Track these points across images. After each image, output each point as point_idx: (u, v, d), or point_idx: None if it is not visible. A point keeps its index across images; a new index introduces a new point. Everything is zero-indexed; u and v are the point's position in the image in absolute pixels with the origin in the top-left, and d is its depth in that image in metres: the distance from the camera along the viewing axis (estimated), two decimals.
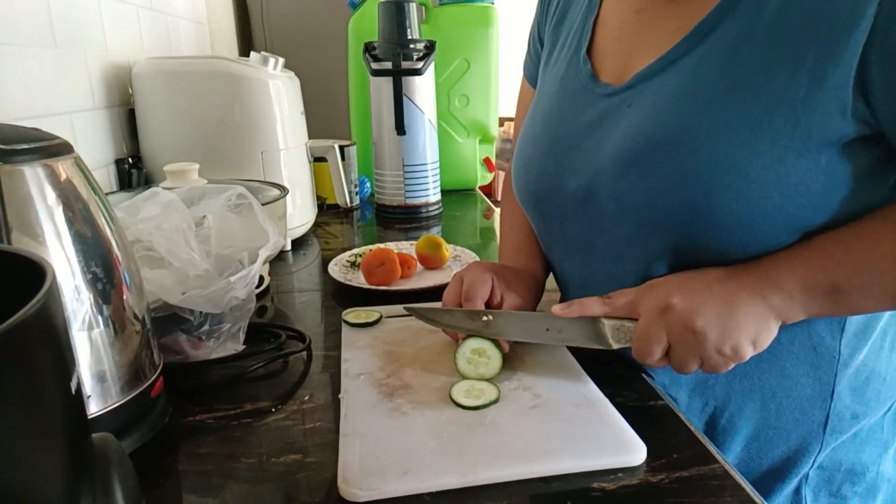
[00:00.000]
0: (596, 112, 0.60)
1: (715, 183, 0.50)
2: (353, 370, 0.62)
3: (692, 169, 0.51)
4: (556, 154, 0.63)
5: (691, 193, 0.51)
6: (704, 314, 0.50)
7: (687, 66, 0.53)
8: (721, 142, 0.50)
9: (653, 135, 0.53)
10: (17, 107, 0.83)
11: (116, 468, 0.32)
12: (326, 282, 0.93)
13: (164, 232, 0.63)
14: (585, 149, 0.60)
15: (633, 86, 0.57)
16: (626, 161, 0.55)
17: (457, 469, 0.47)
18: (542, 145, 0.66)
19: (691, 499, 0.46)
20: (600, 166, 0.58)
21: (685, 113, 0.52)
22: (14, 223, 0.43)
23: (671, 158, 0.52)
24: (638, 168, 0.54)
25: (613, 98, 0.59)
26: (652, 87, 0.55)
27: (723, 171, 0.49)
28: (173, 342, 0.65)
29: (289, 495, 0.47)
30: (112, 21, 1.12)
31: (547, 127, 0.66)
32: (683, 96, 0.52)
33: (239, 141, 1.05)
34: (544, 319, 0.60)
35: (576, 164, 0.61)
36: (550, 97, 0.67)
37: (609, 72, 0.61)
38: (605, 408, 0.55)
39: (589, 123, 0.60)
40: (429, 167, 1.35)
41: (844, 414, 0.62)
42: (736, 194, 0.50)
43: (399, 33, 1.27)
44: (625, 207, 0.56)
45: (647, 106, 0.55)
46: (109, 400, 0.50)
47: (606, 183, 0.57)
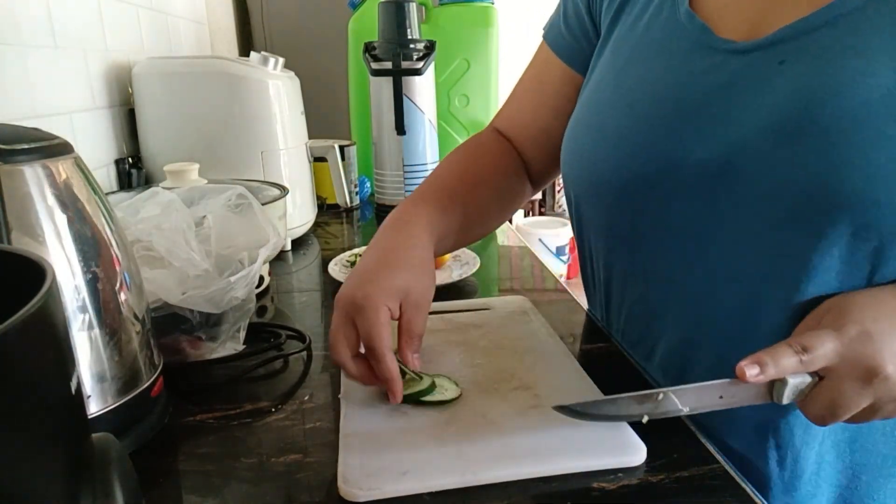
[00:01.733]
0: (727, 73, 0.51)
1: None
2: None
3: (893, 137, 0.43)
4: (668, 124, 0.54)
5: (881, 168, 0.43)
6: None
7: (863, 22, 0.45)
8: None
9: (837, 95, 0.45)
10: (17, 107, 0.83)
11: (116, 468, 0.32)
12: (326, 282, 0.93)
13: (164, 232, 0.63)
14: (717, 116, 0.51)
15: (783, 41, 0.48)
16: (786, 128, 0.47)
17: (457, 469, 0.47)
18: (642, 115, 0.56)
19: (691, 499, 0.46)
20: (744, 133, 0.49)
21: (879, 71, 0.44)
22: (14, 223, 0.43)
23: (865, 124, 0.44)
24: (805, 137, 0.46)
25: (753, 54, 0.50)
26: (814, 41, 0.47)
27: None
28: (173, 342, 0.64)
29: (289, 495, 0.47)
30: (112, 21, 1.12)
31: (648, 94, 0.56)
32: (875, 52, 0.44)
33: (239, 141, 1.05)
34: (718, 388, 0.48)
35: (701, 135, 0.52)
36: (643, 63, 0.58)
37: (733, 27, 0.53)
38: None
39: (719, 86, 0.51)
40: (429, 167, 1.35)
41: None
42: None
43: (399, 33, 1.27)
44: (778, 182, 0.47)
45: (818, 61, 0.46)
46: (109, 400, 0.50)
47: (755, 154, 0.48)
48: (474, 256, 0.98)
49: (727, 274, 0.53)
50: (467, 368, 0.62)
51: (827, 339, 0.44)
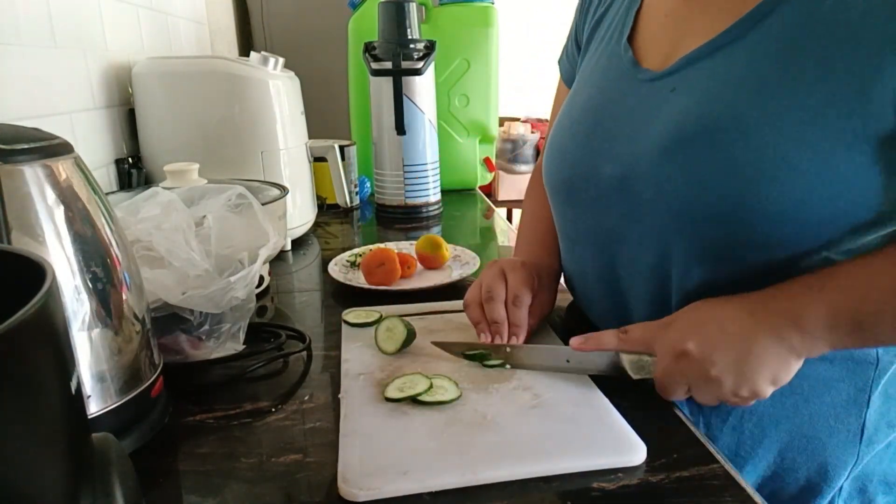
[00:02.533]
0: (637, 98, 0.59)
1: (763, 174, 0.48)
2: (353, 370, 0.62)
3: (740, 158, 0.49)
4: (593, 141, 0.62)
5: (737, 184, 0.49)
6: (718, 362, 0.50)
7: (738, 51, 0.51)
8: (772, 132, 0.48)
9: (699, 121, 0.52)
10: (17, 107, 0.83)
11: (116, 468, 0.32)
12: (326, 282, 0.93)
13: (164, 232, 0.63)
14: (624, 135, 0.58)
15: (678, 70, 0.55)
16: (668, 147, 0.53)
17: (457, 469, 0.47)
18: (578, 133, 0.65)
19: (691, 499, 0.46)
20: (640, 152, 0.56)
21: (735, 100, 0.50)
22: (14, 223, 0.43)
23: (718, 146, 0.50)
24: (682, 155, 0.52)
25: (656, 83, 0.57)
26: (698, 71, 0.54)
27: (771, 162, 0.48)
28: (173, 342, 0.64)
29: (289, 495, 0.47)
30: (112, 21, 1.12)
31: (585, 115, 0.65)
32: (734, 82, 0.51)
33: (239, 141, 1.06)
34: (565, 352, 0.61)
35: (613, 151, 0.59)
36: (589, 88, 0.66)
37: (653, 58, 0.60)
38: (605, 408, 0.55)
39: (629, 110, 0.59)
40: (429, 167, 1.35)
41: (880, 422, 0.60)
42: (784, 186, 0.48)
43: (399, 33, 1.27)
44: (664, 196, 0.54)
45: (694, 91, 0.53)
46: (109, 400, 0.50)
47: (646, 170, 0.55)
48: (474, 256, 0.98)
49: (633, 272, 0.62)
50: (467, 369, 0.62)
51: (647, 325, 0.57)
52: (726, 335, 0.51)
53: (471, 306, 0.68)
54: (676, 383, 0.54)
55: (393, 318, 0.67)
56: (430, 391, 0.56)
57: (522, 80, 3.48)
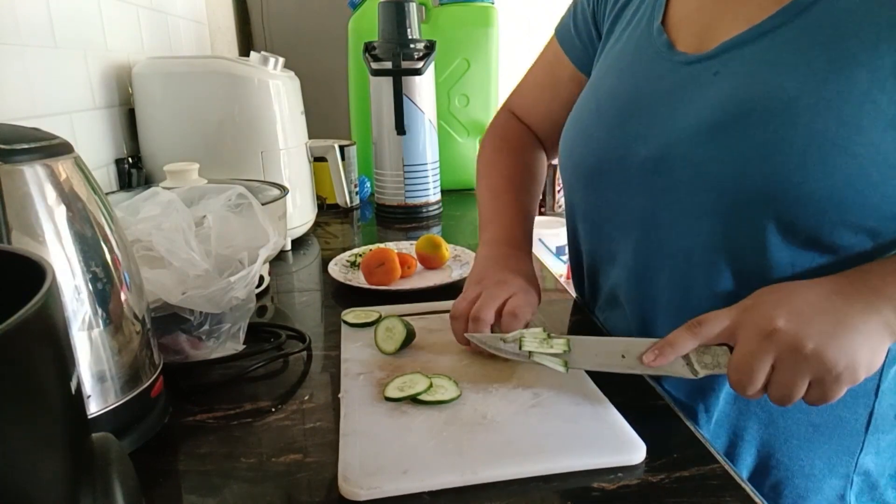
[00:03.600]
0: (674, 80, 0.59)
1: (811, 156, 0.48)
2: (353, 370, 0.62)
3: (788, 140, 0.49)
4: (626, 124, 0.61)
5: (784, 165, 0.49)
6: (814, 335, 0.46)
7: (784, 36, 0.52)
8: (822, 115, 0.48)
9: (746, 103, 0.52)
10: (17, 107, 0.83)
11: (116, 468, 0.32)
12: (326, 282, 0.93)
13: (164, 232, 0.63)
14: (660, 116, 0.58)
15: (720, 54, 0.56)
16: (712, 129, 0.53)
17: (456, 468, 0.47)
18: (606, 115, 0.64)
19: (691, 499, 0.46)
20: (679, 134, 0.56)
21: (785, 84, 0.51)
22: (14, 223, 0.43)
23: (766, 128, 0.50)
24: (727, 136, 0.52)
25: (695, 66, 0.57)
26: (743, 55, 0.54)
27: (820, 145, 0.48)
28: (173, 342, 0.65)
29: (289, 495, 0.47)
30: (112, 21, 1.12)
31: (614, 99, 0.64)
32: (783, 67, 0.51)
33: (239, 141, 1.06)
34: (619, 345, 0.56)
35: (647, 132, 0.59)
36: (618, 71, 0.66)
37: (687, 41, 0.60)
38: (605, 407, 0.55)
39: (665, 91, 0.59)
40: (429, 167, 1.35)
41: (889, 413, 0.59)
42: (832, 169, 0.48)
43: (399, 33, 1.27)
44: (704, 177, 0.54)
45: (739, 74, 0.54)
46: (109, 400, 0.50)
47: (685, 151, 0.55)
48: (474, 256, 0.98)
49: (666, 257, 0.60)
50: (467, 368, 0.62)
51: (720, 312, 0.51)
52: (818, 310, 0.47)
53: (457, 320, 0.64)
54: (760, 368, 0.47)
55: (392, 318, 0.67)
56: (429, 390, 0.56)
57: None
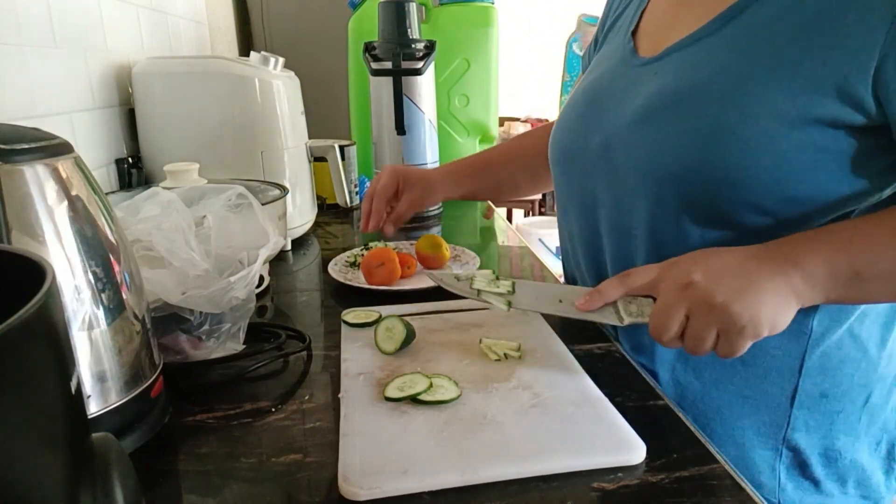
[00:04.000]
0: (628, 79, 0.68)
1: (713, 142, 0.56)
2: (353, 370, 0.62)
3: (695, 128, 0.58)
4: (589, 115, 0.72)
5: (690, 150, 0.58)
6: (724, 289, 0.52)
7: (712, 42, 0.60)
8: (725, 106, 0.56)
9: (665, 96, 0.61)
10: (17, 107, 0.83)
11: (116, 468, 0.32)
12: (326, 282, 0.93)
13: (164, 232, 0.63)
14: (611, 109, 0.68)
15: (662, 58, 0.64)
16: (640, 118, 0.63)
17: (456, 468, 0.47)
18: (578, 109, 0.75)
19: (691, 499, 0.46)
20: (619, 123, 0.65)
21: (696, 79, 0.59)
22: (14, 223, 0.43)
23: (677, 117, 0.59)
24: (650, 125, 0.62)
25: (644, 68, 0.66)
26: (677, 59, 0.63)
27: (721, 133, 0.56)
28: (173, 342, 0.65)
29: (289, 495, 0.47)
30: (112, 21, 1.12)
31: (586, 95, 0.74)
32: (699, 66, 0.60)
33: (239, 141, 1.06)
34: (558, 291, 0.63)
35: (601, 123, 0.69)
36: (595, 72, 0.76)
37: (647, 48, 0.69)
38: (605, 407, 0.55)
39: (619, 89, 0.69)
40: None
41: (813, 391, 0.64)
42: (729, 153, 0.56)
43: (399, 33, 1.27)
44: (634, 160, 0.63)
45: (668, 73, 0.62)
46: (109, 400, 0.50)
47: (622, 138, 0.65)
48: (474, 256, 0.98)
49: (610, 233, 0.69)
50: (467, 368, 0.62)
51: (647, 267, 0.58)
52: (732, 268, 0.53)
53: (365, 200, 0.92)
54: (674, 316, 0.53)
55: (392, 318, 0.67)
56: (429, 390, 0.56)
57: (522, 80, 3.48)
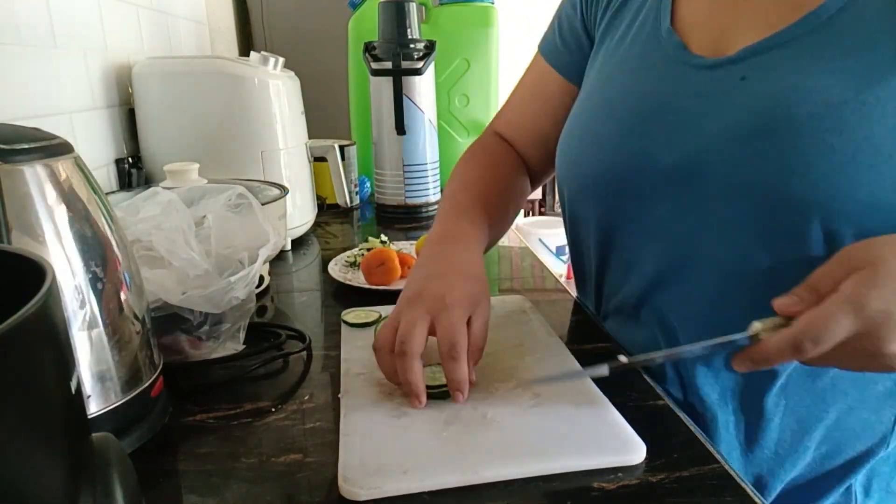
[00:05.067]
0: (695, 85, 0.57)
1: (859, 163, 0.48)
2: (353, 370, 0.62)
3: (835, 147, 0.48)
4: (644, 129, 0.60)
5: (831, 173, 0.48)
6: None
7: (813, 43, 0.51)
8: (866, 121, 0.48)
9: (784, 108, 0.51)
10: (17, 107, 0.83)
11: (116, 468, 0.32)
12: (326, 281, 0.93)
13: (164, 232, 0.63)
14: (685, 123, 0.57)
15: (745, 58, 0.54)
16: (746, 135, 0.52)
17: (457, 468, 0.47)
18: (620, 120, 0.62)
19: (691, 499, 0.46)
20: (708, 141, 0.54)
21: (826, 88, 0.50)
22: (14, 223, 0.43)
23: (811, 134, 0.49)
24: (763, 142, 0.51)
25: (718, 71, 0.56)
26: (771, 60, 0.53)
27: (868, 152, 0.48)
28: (173, 342, 0.64)
29: (289, 495, 0.47)
30: (112, 21, 1.12)
31: (627, 101, 0.62)
32: (818, 73, 0.50)
33: (239, 141, 1.06)
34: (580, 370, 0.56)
35: (671, 139, 0.57)
36: (628, 73, 0.64)
37: (702, 44, 0.58)
38: (605, 407, 0.55)
39: (688, 96, 0.57)
40: (429, 167, 1.35)
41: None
42: (880, 175, 0.47)
43: (399, 33, 1.27)
44: (740, 185, 0.52)
45: (770, 79, 0.53)
46: (109, 400, 0.50)
47: (717, 159, 0.54)
48: None
49: (696, 267, 0.58)
50: None
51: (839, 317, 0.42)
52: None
53: (380, 352, 0.55)
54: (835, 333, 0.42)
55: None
56: (431, 377, 0.56)
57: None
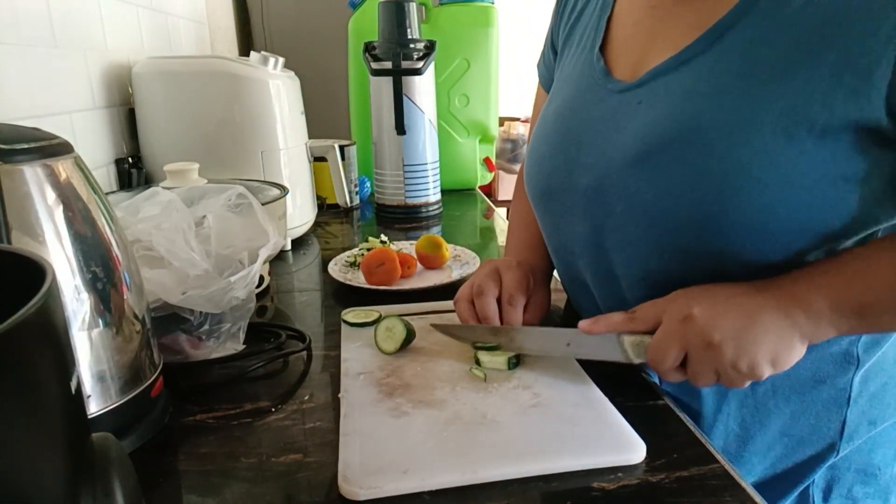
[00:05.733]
0: (606, 108, 0.59)
1: (727, 185, 0.49)
2: (353, 369, 0.62)
3: (704, 170, 0.50)
4: (567, 150, 0.62)
5: (703, 195, 0.50)
6: (722, 327, 0.49)
7: (701, 65, 0.52)
8: (734, 143, 0.48)
9: (664, 134, 0.52)
10: (17, 107, 0.83)
11: (116, 468, 0.32)
12: (326, 281, 0.93)
13: (164, 232, 0.63)
14: (595, 145, 0.59)
15: (645, 83, 0.56)
16: (635, 160, 0.54)
17: (456, 468, 0.47)
18: (552, 142, 0.65)
19: (691, 499, 0.46)
20: (610, 164, 0.57)
21: (698, 113, 0.50)
22: (14, 223, 0.43)
23: (683, 159, 0.51)
24: (649, 168, 0.53)
25: (625, 94, 0.57)
26: (664, 85, 0.54)
27: (735, 174, 0.48)
28: (173, 342, 0.65)
29: (289, 495, 0.47)
30: (112, 21, 1.12)
31: (558, 124, 0.65)
32: (697, 96, 0.51)
33: (239, 141, 1.06)
34: (565, 335, 0.60)
35: (586, 161, 0.59)
36: (563, 95, 0.66)
37: (622, 68, 0.60)
38: (604, 407, 0.55)
39: (598, 120, 0.59)
40: (429, 167, 1.35)
41: (861, 420, 0.61)
42: (748, 196, 0.48)
43: (399, 33, 1.27)
44: (634, 207, 0.55)
45: (659, 104, 0.54)
46: (109, 400, 0.50)
47: (616, 182, 0.56)
48: (474, 256, 0.98)
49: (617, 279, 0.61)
50: (466, 367, 0.62)
51: (653, 303, 0.54)
52: (733, 304, 0.50)
53: (460, 302, 0.68)
54: (671, 349, 0.51)
55: (392, 318, 0.67)
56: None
57: (522, 80, 3.48)
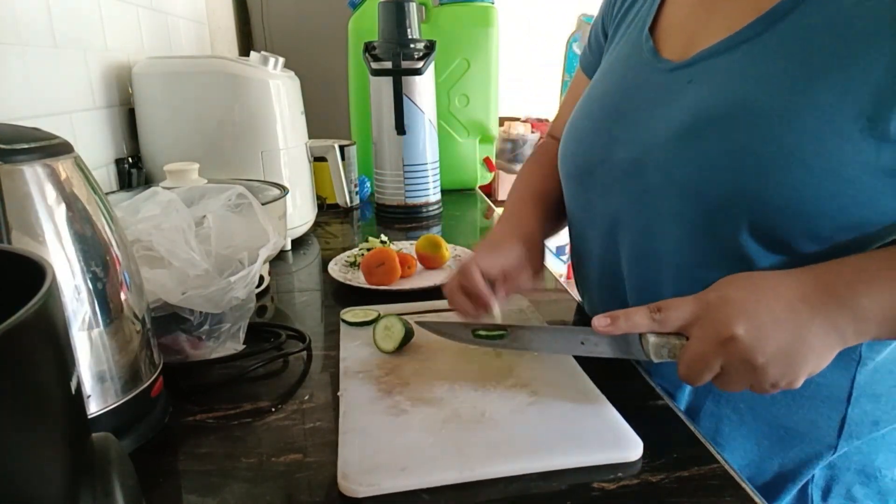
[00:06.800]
0: (654, 86, 0.60)
1: (770, 166, 0.49)
2: (352, 368, 0.62)
3: (747, 148, 0.50)
4: (610, 126, 0.63)
5: (744, 173, 0.50)
6: (768, 350, 0.46)
7: (756, 48, 0.52)
8: (781, 126, 0.49)
9: (712, 110, 0.53)
10: (17, 107, 0.83)
11: (116, 468, 0.32)
12: (326, 281, 0.93)
13: (164, 232, 0.63)
14: (639, 121, 0.60)
15: (696, 62, 0.57)
16: (681, 135, 0.54)
17: (455, 465, 0.47)
18: (595, 118, 0.66)
19: (691, 499, 0.46)
20: (653, 139, 0.57)
21: (748, 94, 0.51)
22: (14, 223, 0.43)
23: (728, 137, 0.51)
24: (694, 142, 0.53)
25: (675, 73, 0.58)
26: (716, 65, 0.55)
27: (777, 155, 0.49)
28: (173, 342, 0.65)
29: (289, 495, 0.47)
30: (112, 21, 1.12)
31: (603, 102, 0.66)
32: (749, 77, 0.52)
33: (239, 141, 1.06)
34: (580, 333, 0.56)
35: (627, 136, 0.60)
36: (610, 75, 0.68)
37: (673, 49, 0.61)
38: (602, 404, 0.55)
39: (646, 98, 0.60)
40: (429, 167, 1.35)
41: (863, 420, 0.59)
42: (786, 178, 0.48)
43: (399, 33, 1.27)
44: (673, 181, 0.55)
45: (710, 83, 0.54)
46: (109, 400, 0.50)
47: (657, 155, 0.56)
48: None
49: (636, 259, 0.61)
50: (465, 366, 0.62)
51: (682, 302, 0.50)
52: (779, 323, 0.47)
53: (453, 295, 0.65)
54: (710, 369, 0.48)
55: (391, 317, 0.67)
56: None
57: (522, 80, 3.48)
